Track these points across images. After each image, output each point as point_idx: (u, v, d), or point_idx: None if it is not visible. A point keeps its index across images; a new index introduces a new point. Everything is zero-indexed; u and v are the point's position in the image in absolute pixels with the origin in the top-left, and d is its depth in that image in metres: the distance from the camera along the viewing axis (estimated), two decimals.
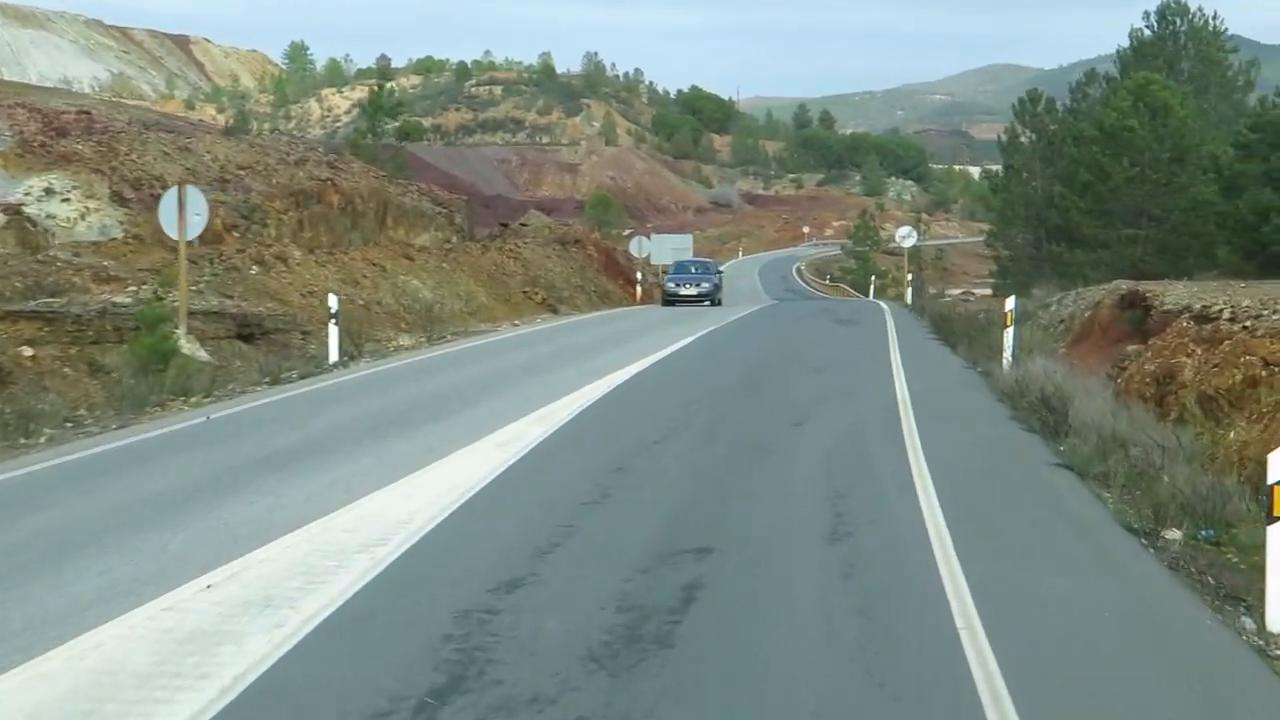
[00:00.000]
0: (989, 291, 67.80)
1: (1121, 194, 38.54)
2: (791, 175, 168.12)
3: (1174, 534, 8.61)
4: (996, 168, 62.54)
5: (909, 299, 37.92)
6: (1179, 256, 36.08)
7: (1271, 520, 6.66)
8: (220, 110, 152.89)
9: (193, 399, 14.42)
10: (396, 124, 45.42)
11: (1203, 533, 8.61)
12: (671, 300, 34.78)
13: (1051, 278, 35.45)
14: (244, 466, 10.64)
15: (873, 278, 60.99)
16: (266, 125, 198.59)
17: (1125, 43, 49.67)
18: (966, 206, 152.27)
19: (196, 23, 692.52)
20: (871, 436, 12.26)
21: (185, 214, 16.87)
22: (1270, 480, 6.66)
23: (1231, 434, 10.96)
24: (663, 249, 66.90)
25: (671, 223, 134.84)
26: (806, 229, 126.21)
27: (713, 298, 35.60)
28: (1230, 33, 48.88)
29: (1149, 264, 36.36)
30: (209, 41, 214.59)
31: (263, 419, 13.40)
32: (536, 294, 30.52)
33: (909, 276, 42.05)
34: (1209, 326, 13.57)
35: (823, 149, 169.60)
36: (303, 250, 24.61)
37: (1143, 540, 8.53)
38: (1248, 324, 12.75)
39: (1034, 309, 24.26)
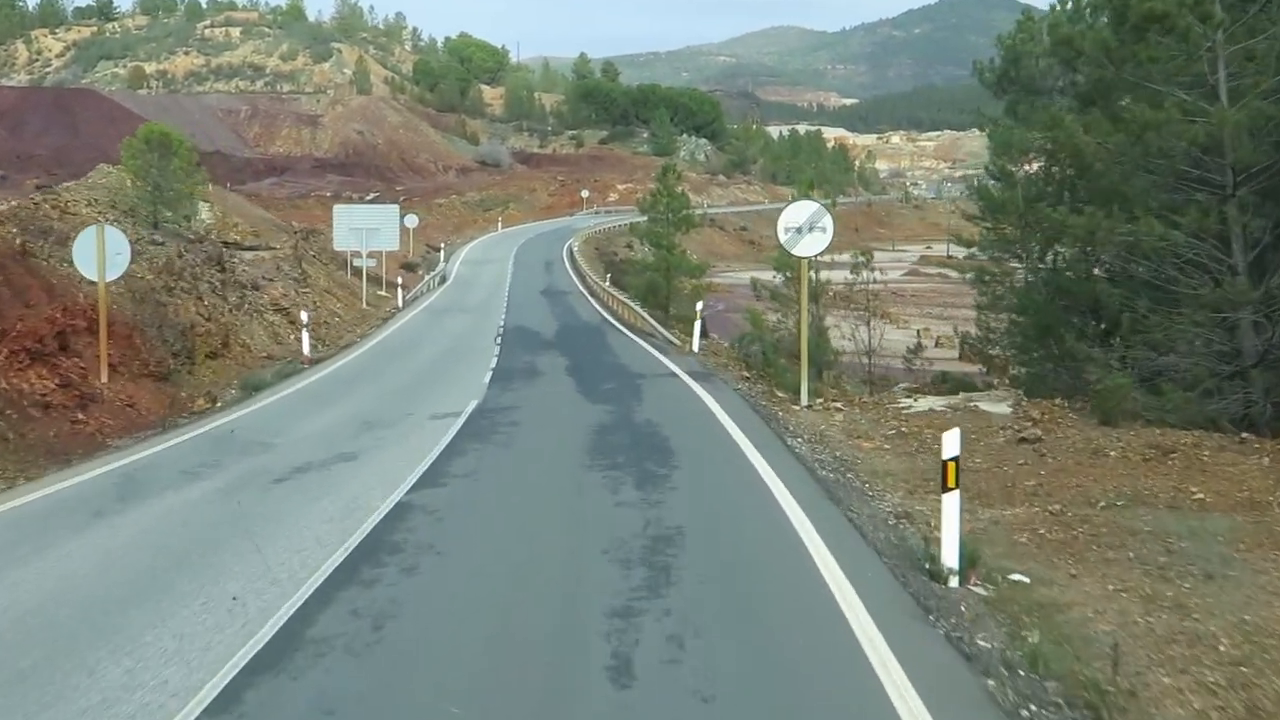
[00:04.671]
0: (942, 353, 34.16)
1: None
2: (571, 132, 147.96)
3: None
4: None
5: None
6: None
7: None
8: None
9: None
10: None
11: None
12: None
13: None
14: None
15: (699, 308, 28.44)
16: None
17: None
18: (768, 168, 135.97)
19: None
20: None
21: None
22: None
23: None
24: (343, 230, 42.14)
25: (429, 185, 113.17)
26: (586, 193, 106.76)
27: None
28: None
29: None
30: None
31: None
32: None
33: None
34: None
35: (606, 103, 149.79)
36: None
37: None
38: None
39: None
